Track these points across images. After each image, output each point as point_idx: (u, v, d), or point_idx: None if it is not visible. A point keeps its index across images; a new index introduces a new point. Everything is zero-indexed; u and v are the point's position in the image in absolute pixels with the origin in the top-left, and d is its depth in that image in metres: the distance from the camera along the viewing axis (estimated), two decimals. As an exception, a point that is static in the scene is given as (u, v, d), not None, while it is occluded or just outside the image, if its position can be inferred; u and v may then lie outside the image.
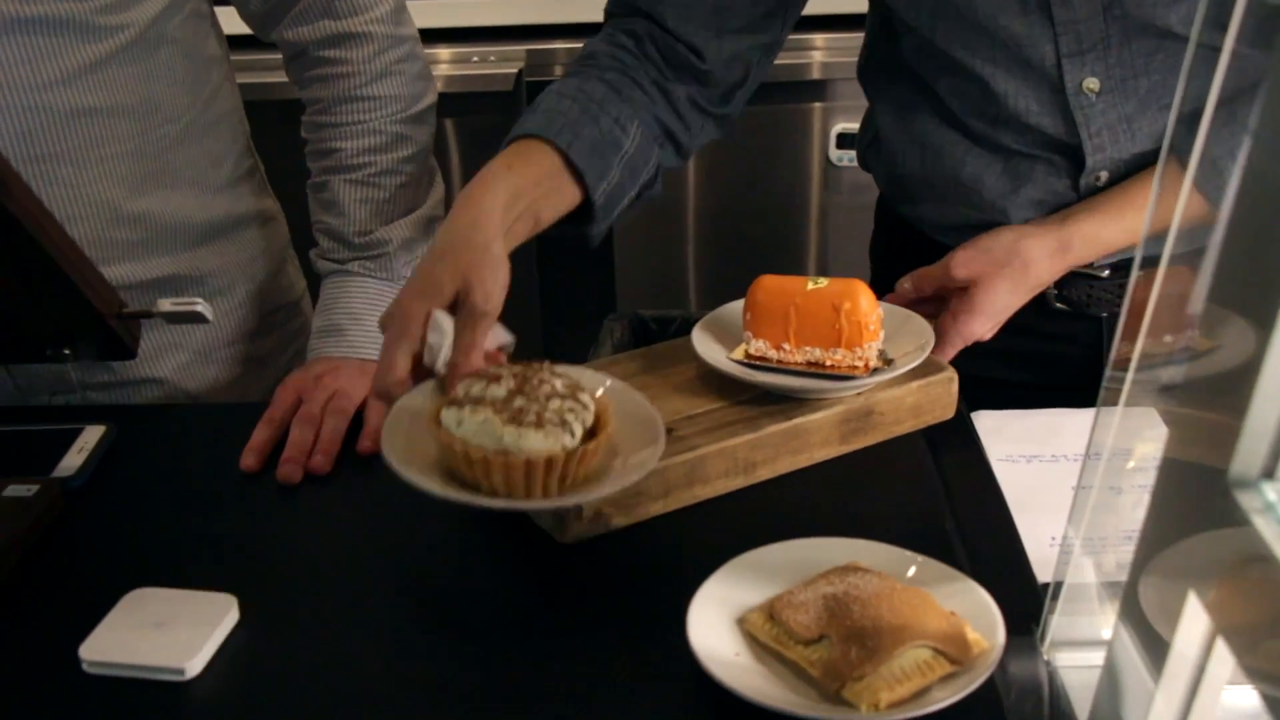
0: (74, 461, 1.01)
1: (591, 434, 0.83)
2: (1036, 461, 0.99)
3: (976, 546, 0.88)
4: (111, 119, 1.12)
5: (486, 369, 0.85)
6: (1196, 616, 0.59)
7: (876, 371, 0.97)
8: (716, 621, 0.78)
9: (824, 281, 0.98)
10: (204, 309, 0.91)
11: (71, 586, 0.88)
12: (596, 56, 1.09)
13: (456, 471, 0.83)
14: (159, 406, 1.19)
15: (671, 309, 1.30)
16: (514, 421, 0.79)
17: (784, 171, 2.25)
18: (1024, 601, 0.80)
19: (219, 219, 1.24)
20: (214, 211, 1.24)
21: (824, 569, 0.80)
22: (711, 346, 1.03)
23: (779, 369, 0.99)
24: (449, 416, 0.82)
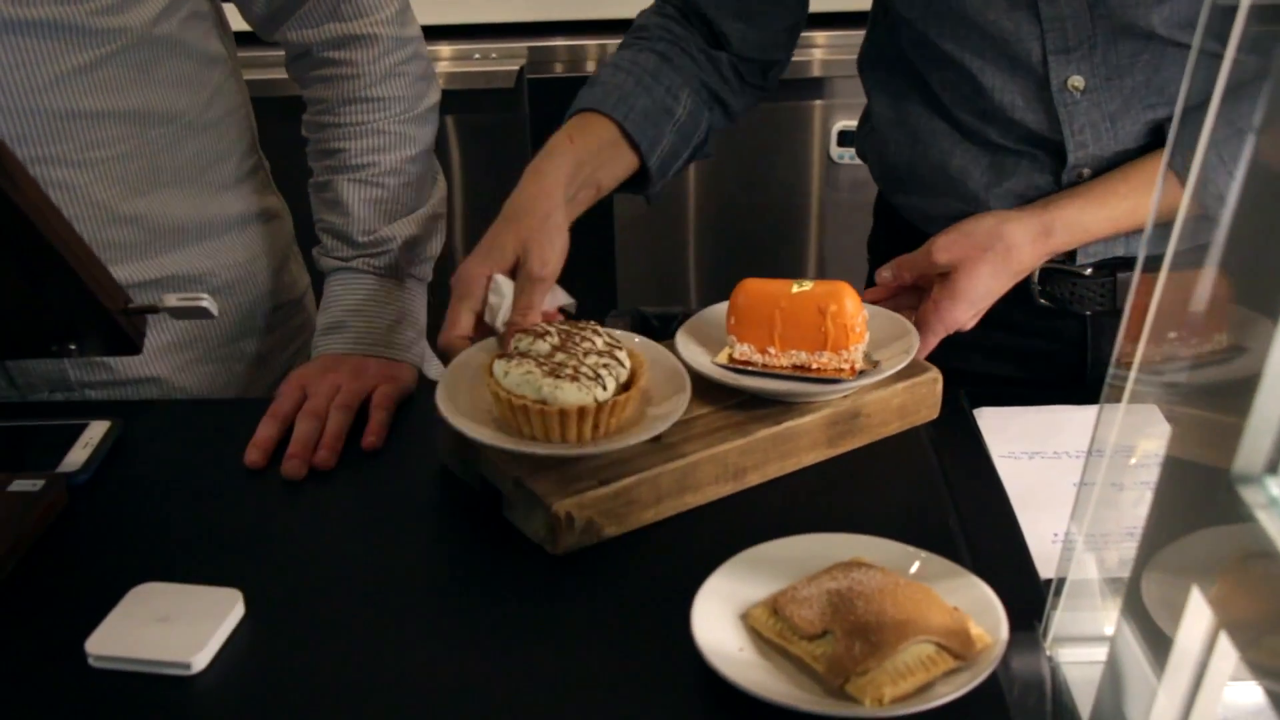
0: (79, 457, 1.01)
1: (627, 388, 0.91)
2: (1038, 458, 0.99)
3: (979, 543, 0.88)
4: (107, 121, 1.11)
5: (537, 326, 0.93)
6: (1199, 612, 0.59)
7: (863, 374, 0.97)
8: (720, 617, 0.78)
9: (809, 284, 0.98)
10: (209, 304, 0.91)
11: (77, 581, 0.89)
12: (648, 29, 1.18)
13: (504, 420, 0.90)
14: (163, 402, 1.19)
15: (673, 305, 1.30)
16: (552, 375, 0.87)
17: (785, 168, 2.25)
18: (1026, 597, 0.80)
19: (219, 218, 1.23)
20: (214, 211, 1.23)
21: (827, 564, 0.81)
22: (695, 351, 1.02)
23: (766, 373, 0.98)
24: (499, 368, 0.90)
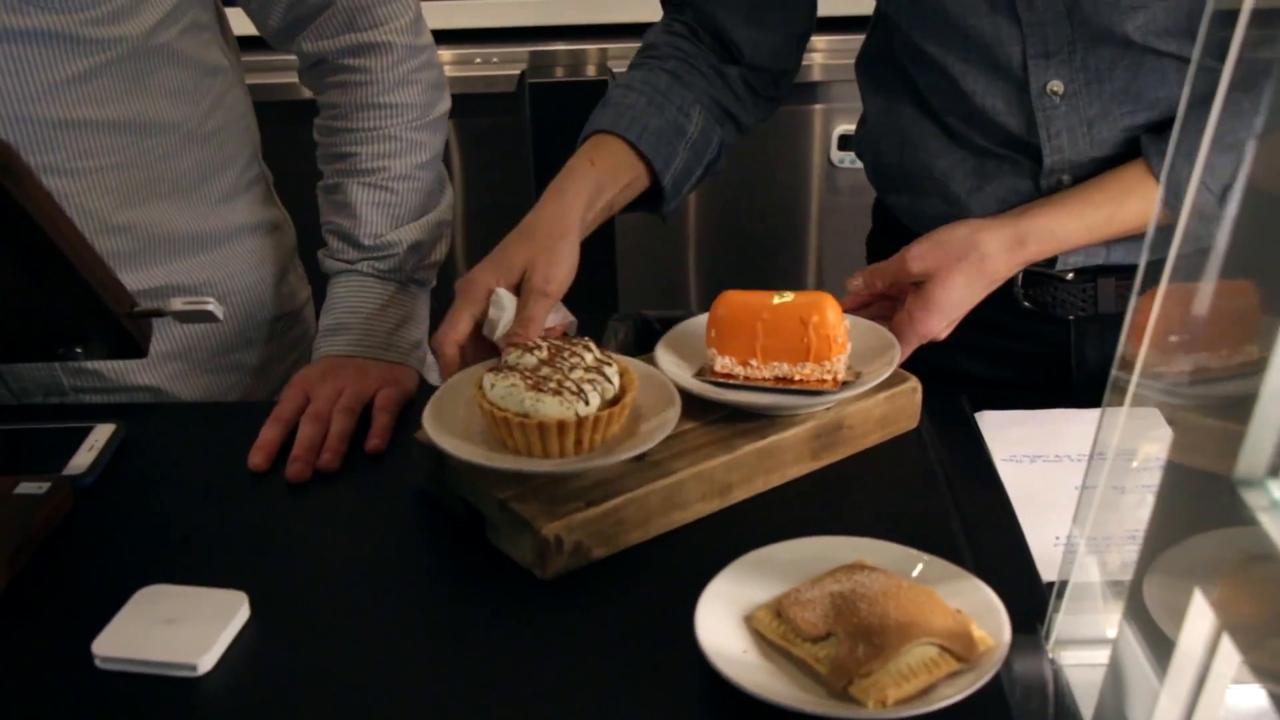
0: (84, 460, 1.01)
1: (615, 404, 0.90)
2: (1040, 461, 0.99)
3: (981, 545, 0.88)
4: (101, 131, 1.11)
5: (529, 341, 0.93)
6: (1202, 614, 0.59)
7: (847, 385, 0.96)
8: (724, 619, 0.79)
9: (790, 295, 0.96)
10: (215, 308, 0.91)
11: (83, 583, 0.89)
12: (657, 47, 1.19)
13: (490, 434, 0.91)
14: (166, 405, 1.20)
15: (674, 309, 1.30)
16: (535, 388, 0.87)
17: (785, 172, 2.26)
18: (1029, 600, 0.81)
19: (217, 229, 1.23)
20: (212, 222, 1.22)
21: (830, 567, 0.81)
22: (675, 365, 1.00)
23: (749, 386, 0.97)
24: (486, 380, 0.90)
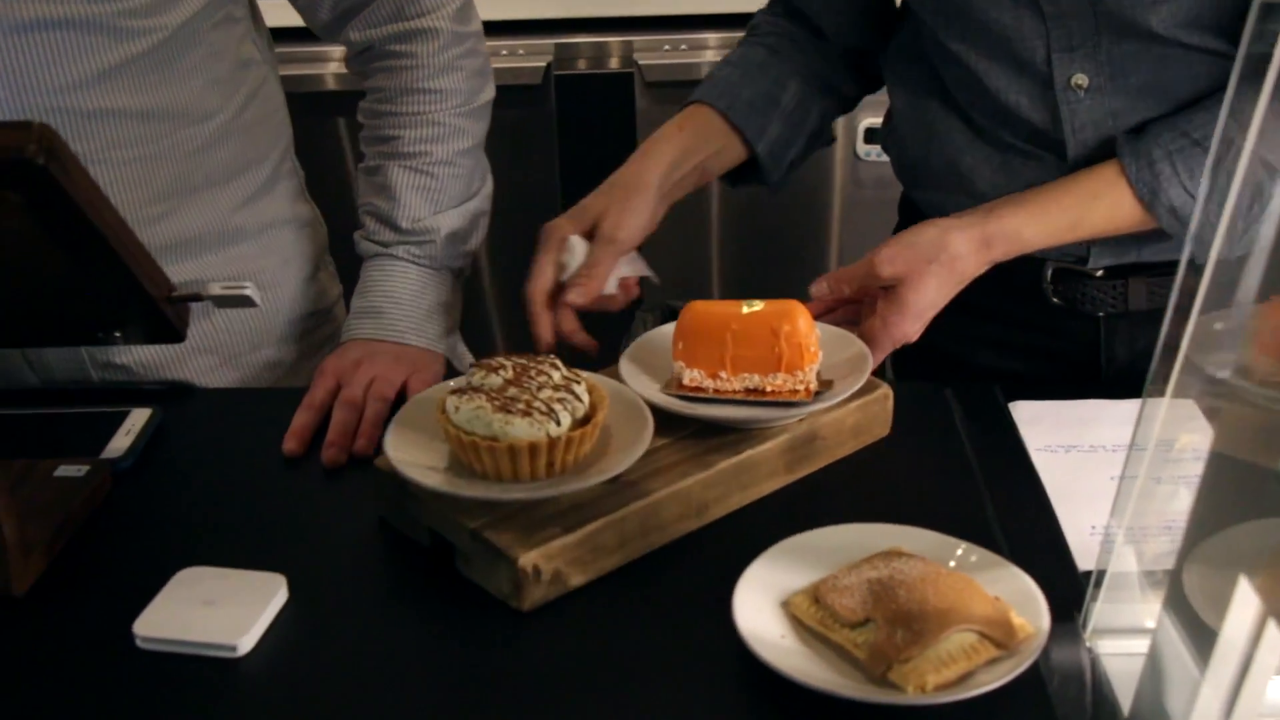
0: (122, 443, 1.02)
1: (585, 423, 0.86)
2: (1075, 451, 0.99)
3: (1017, 535, 0.89)
4: (134, 122, 1.11)
5: (493, 360, 0.88)
6: (1247, 602, 0.59)
7: (820, 395, 0.94)
8: (762, 604, 0.79)
9: (759, 304, 0.94)
10: (252, 292, 0.91)
11: (122, 565, 0.90)
12: (759, 27, 1.26)
13: (458, 459, 0.87)
14: (201, 391, 1.20)
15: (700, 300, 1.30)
16: (503, 410, 0.83)
17: (810, 164, 2.21)
18: (1065, 589, 0.81)
19: (248, 224, 1.23)
20: (243, 217, 1.22)
21: (867, 554, 0.81)
22: (642, 380, 0.97)
23: (720, 399, 0.94)
24: (450, 403, 0.86)
